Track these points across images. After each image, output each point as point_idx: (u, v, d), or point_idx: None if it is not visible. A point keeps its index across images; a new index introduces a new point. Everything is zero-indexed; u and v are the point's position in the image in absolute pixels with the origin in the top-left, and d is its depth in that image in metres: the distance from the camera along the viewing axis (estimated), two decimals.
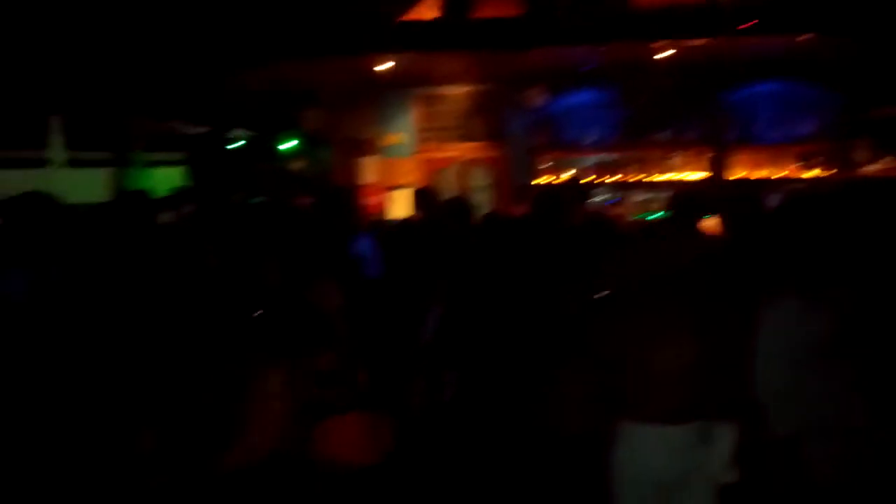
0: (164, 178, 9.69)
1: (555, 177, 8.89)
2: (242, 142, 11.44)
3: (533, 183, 8.80)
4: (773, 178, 8.47)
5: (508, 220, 5.74)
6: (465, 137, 9.26)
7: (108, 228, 4.43)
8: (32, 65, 7.14)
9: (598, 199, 8.51)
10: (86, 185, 4.92)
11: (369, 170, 9.41)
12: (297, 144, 10.24)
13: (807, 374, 2.85)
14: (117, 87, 8.47)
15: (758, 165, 8.57)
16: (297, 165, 10.28)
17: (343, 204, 5.83)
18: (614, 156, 8.85)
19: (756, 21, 6.83)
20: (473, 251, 4.76)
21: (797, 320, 2.87)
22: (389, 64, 7.81)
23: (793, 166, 8.54)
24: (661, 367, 2.92)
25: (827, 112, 8.42)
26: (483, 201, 8.89)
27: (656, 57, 7.59)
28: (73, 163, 9.45)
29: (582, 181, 8.58)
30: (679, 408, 2.91)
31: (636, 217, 8.21)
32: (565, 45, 7.31)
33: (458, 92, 9.18)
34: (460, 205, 5.41)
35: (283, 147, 10.46)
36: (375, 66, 7.84)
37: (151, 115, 9.87)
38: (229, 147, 9.36)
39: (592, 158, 8.93)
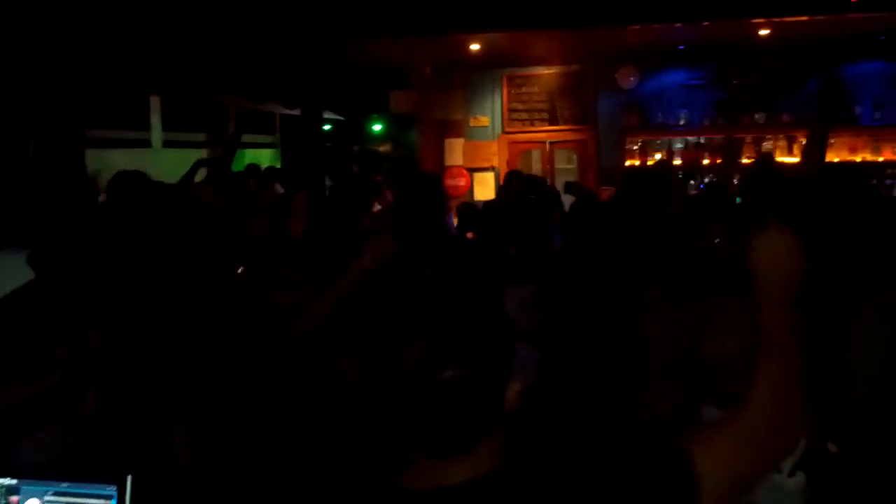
0: (258, 160, 9.91)
1: (643, 160, 8.76)
2: (329, 126, 11.69)
3: (622, 165, 8.71)
4: (873, 161, 8.19)
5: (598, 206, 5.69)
6: (553, 120, 9.20)
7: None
8: (134, 45, 7.36)
9: (691, 183, 8.37)
10: (185, 166, 5.06)
11: (455, 152, 9.45)
12: (384, 127, 10.37)
13: None
14: (213, 68, 8.68)
15: (856, 149, 8.29)
16: (384, 147, 10.39)
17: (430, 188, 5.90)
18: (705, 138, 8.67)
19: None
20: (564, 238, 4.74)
21: None
22: (477, 46, 7.82)
23: (893, 150, 8.23)
24: (735, 356, 2.86)
25: None
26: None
27: (759, 33, 7.39)
28: (169, 143, 9.77)
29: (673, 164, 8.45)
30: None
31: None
32: (661, 22, 7.17)
33: (546, 73, 9.14)
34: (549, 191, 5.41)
35: (371, 129, 10.60)
36: (465, 45, 7.85)
37: (246, 96, 10.11)
38: (320, 128, 9.50)
39: (683, 141, 8.77)
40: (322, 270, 3.04)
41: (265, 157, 11.14)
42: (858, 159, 8.20)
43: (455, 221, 6.10)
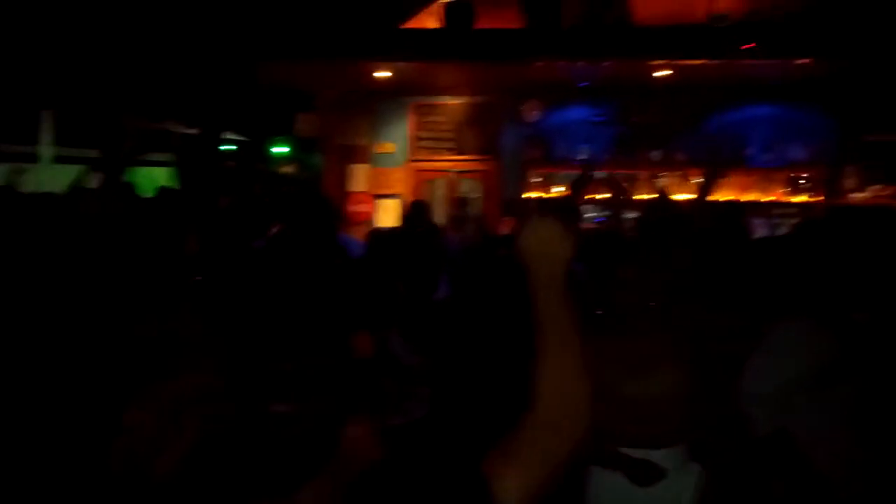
0: (152, 178, 9.57)
1: (544, 192, 8.90)
2: (233, 146, 11.42)
3: (523, 197, 8.82)
4: (761, 201, 8.55)
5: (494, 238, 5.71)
6: (459, 149, 9.25)
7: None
8: (26, 60, 7.04)
9: (587, 216, 8.53)
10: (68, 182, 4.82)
11: (359, 177, 9.38)
12: (288, 149, 10.21)
13: (802, 400, 2.84)
14: (110, 84, 8.38)
15: (746, 188, 8.64)
16: (288, 169, 10.22)
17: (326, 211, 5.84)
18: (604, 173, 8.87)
19: (754, 45, 6.90)
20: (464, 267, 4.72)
21: (799, 345, 2.86)
22: (387, 73, 7.82)
23: (781, 191, 8.62)
24: (645, 395, 2.92)
25: (819, 137, 8.53)
26: (473, 214, 8.89)
27: (655, 75, 7.66)
28: (61, 159, 9.34)
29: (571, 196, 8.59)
30: (663, 433, 2.92)
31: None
32: (565, 59, 7.35)
33: (454, 103, 9.19)
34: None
35: (274, 151, 10.42)
36: (373, 72, 7.83)
37: (143, 113, 9.79)
38: (220, 149, 9.26)
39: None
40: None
41: (161, 176, 10.78)
42: (749, 199, 8.54)
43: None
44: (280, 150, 10.22)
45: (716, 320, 3.35)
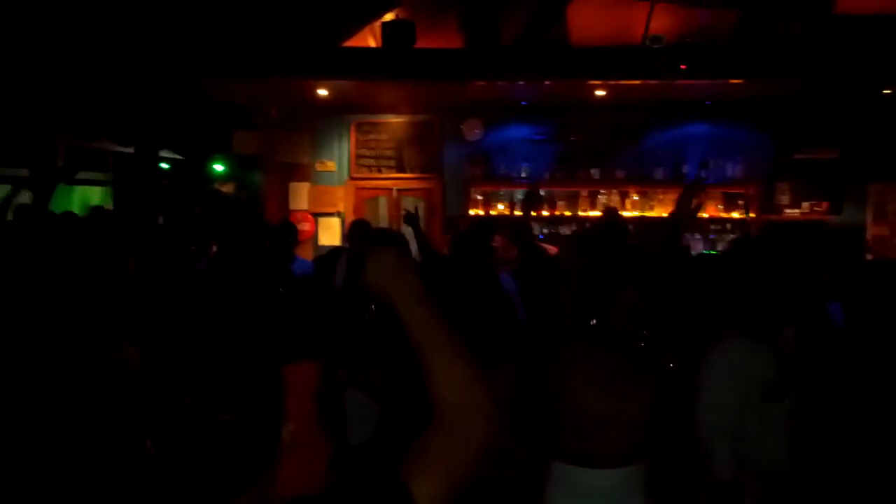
0: (87, 198, 9.35)
1: (486, 210, 8.94)
2: (167, 165, 11.22)
3: (466, 214, 8.85)
4: (698, 217, 8.71)
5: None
6: (400, 167, 9.24)
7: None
8: None
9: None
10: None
11: (300, 196, 9.29)
12: (226, 168, 10.06)
13: (749, 416, 2.88)
14: (41, 101, 8.16)
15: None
16: (226, 188, 10.06)
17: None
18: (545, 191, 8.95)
19: (684, 67, 7.03)
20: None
21: (741, 362, 2.90)
22: (325, 92, 7.78)
23: (716, 207, 8.81)
24: (601, 414, 2.90)
25: (753, 155, 8.75)
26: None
27: (596, 93, 7.77)
28: None
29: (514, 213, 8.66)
30: (618, 452, 2.90)
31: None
32: (504, 79, 7.40)
33: (395, 121, 9.18)
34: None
35: (212, 169, 10.26)
36: (312, 90, 7.78)
37: (75, 131, 9.54)
38: (156, 167, 9.09)
39: (523, 192, 9.00)
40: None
41: (95, 196, 10.54)
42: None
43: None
44: (218, 168, 10.08)
45: (664, 338, 3.38)
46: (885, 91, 7.83)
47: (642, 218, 8.64)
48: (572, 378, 2.96)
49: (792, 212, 8.69)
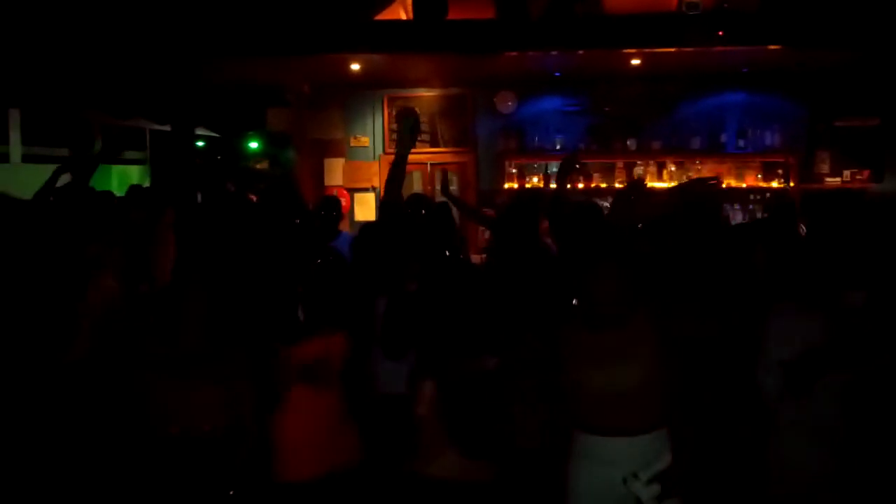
0: (126, 177, 9.48)
1: (520, 183, 8.87)
2: (203, 142, 11.30)
3: (500, 187, 8.80)
4: (736, 187, 8.58)
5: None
6: (434, 141, 9.20)
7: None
8: None
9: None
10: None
11: (335, 172, 9.31)
12: (261, 145, 10.10)
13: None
14: (77, 81, 8.25)
15: (721, 176, 8.62)
16: (261, 165, 10.12)
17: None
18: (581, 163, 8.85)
19: (722, 32, 6.89)
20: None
21: (794, 327, 2.88)
22: (357, 66, 7.76)
23: (755, 176, 8.65)
24: (596, 390, 2.99)
25: (791, 123, 8.57)
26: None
27: (631, 63, 7.64)
28: (29, 158, 9.22)
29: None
30: (628, 423, 2.97)
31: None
32: (536, 50, 7.31)
33: (427, 95, 9.14)
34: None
35: (246, 147, 10.31)
36: (344, 65, 7.76)
37: (112, 111, 9.65)
38: (193, 146, 9.17)
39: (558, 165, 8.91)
40: None
41: (133, 174, 10.68)
42: (724, 185, 8.54)
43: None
44: (253, 145, 10.12)
45: (684, 308, 3.36)
46: None
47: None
48: (567, 356, 3.09)
49: (833, 180, 8.51)
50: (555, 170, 8.84)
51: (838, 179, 8.50)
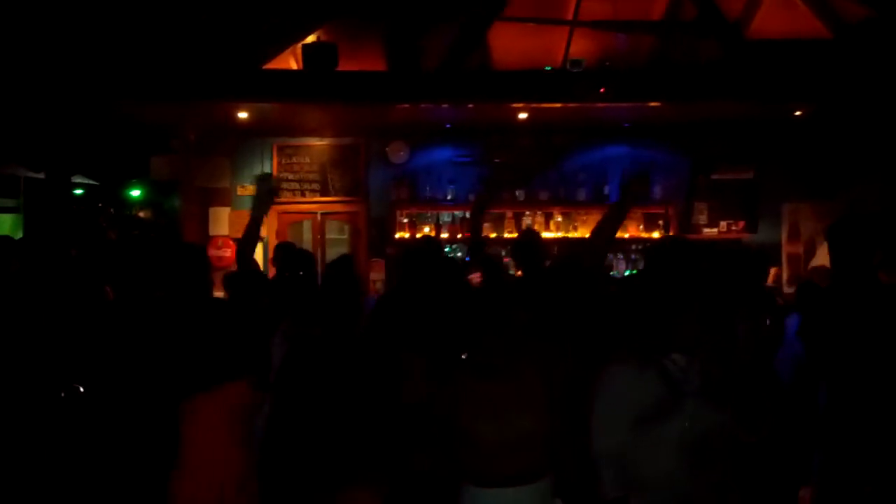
0: None
1: (412, 233, 8.87)
2: (81, 190, 10.84)
3: (392, 237, 8.77)
4: (618, 237, 8.81)
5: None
6: (324, 191, 9.11)
7: None
8: None
9: (453, 256, 8.58)
10: None
11: (220, 221, 9.06)
12: (144, 193, 9.78)
13: (637, 439, 2.84)
14: None
15: None
16: (144, 213, 9.77)
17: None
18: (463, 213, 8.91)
19: (603, 89, 7.15)
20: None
21: (630, 385, 2.85)
22: (244, 114, 7.64)
23: (637, 227, 8.93)
24: (489, 439, 3.00)
25: (672, 176, 8.93)
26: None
27: (518, 116, 7.83)
28: None
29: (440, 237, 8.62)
30: (518, 472, 2.99)
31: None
32: (428, 102, 7.40)
33: (318, 144, 9.06)
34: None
35: (129, 195, 9.96)
36: (233, 113, 7.63)
37: None
38: (70, 193, 8.77)
39: (450, 215, 8.99)
40: None
41: (5, 223, 10.09)
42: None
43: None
44: (135, 193, 9.77)
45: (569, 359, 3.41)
46: (796, 113, 8.12)
47: (564, 239, 8.71)
48: (457, 406, 3.07)
49: (710, 231, 8.89)
50: (447, 220, 8.94)
51: (715, 230, 8.88)
